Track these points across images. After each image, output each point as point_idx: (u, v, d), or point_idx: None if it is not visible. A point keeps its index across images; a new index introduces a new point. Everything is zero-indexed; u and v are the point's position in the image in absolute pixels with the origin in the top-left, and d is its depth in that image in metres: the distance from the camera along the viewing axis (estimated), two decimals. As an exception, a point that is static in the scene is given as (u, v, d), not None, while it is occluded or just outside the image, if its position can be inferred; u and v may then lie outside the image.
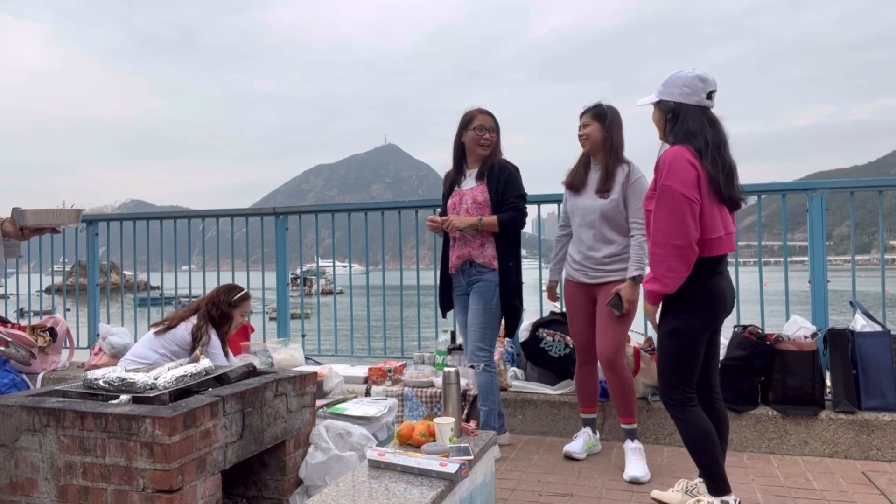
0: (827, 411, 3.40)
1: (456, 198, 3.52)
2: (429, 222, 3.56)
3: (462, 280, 3.51)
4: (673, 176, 2.35)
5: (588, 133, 3.27)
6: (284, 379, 2.59)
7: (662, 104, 2.51)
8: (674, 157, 2.38)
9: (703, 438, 2.48)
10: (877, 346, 3.41)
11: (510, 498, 2.88)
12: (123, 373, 2.31)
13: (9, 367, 4.57)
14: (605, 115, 3.25)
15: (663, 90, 2.50)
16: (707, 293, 2.45)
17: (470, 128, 3.46)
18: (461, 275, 3.51)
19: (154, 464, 1.95)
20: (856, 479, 3.05)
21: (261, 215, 5.18)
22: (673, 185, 2.34)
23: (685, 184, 2.34)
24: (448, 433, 2.27)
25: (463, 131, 3.50)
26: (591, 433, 3.44)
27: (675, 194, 2.33)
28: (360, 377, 4.04)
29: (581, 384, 3.45)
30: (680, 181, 2.34)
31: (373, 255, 7.05)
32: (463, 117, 3.51)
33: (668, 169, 2.36)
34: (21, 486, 2.10)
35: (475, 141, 3.45)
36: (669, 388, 2.50)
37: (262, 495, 2.60)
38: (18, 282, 5.98)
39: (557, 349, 3.94)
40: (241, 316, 3.79)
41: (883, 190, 3.89)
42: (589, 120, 3.28)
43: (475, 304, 3.42)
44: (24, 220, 2.63)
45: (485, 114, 3.49)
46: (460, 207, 3.47)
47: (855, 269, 3.79)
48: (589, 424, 3.46)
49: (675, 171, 2.35)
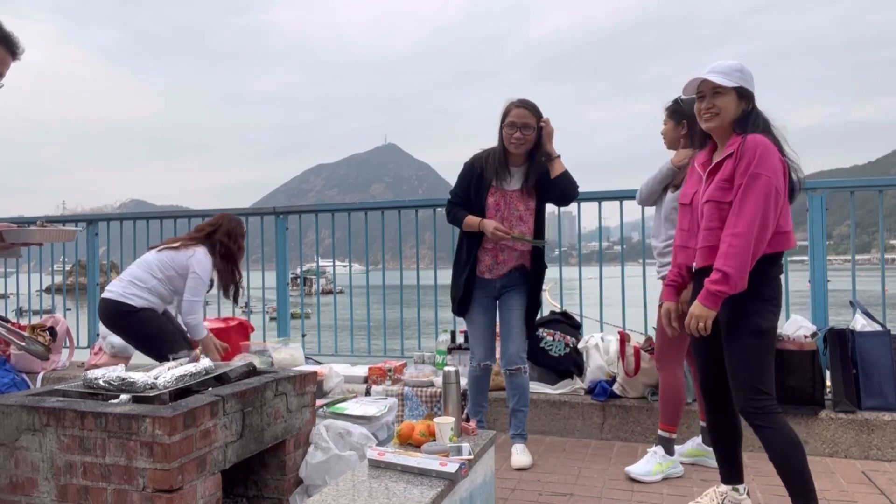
0: (827, 411, 3.40)
1: (499, 199, 3.24)
2: (496, 231, 3.14)
3: (496, 284, 3.32)
4: (765, 165, 2.19)
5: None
6: (284, 378, 2.59)
7: (743, 91, 2.32)
8: (765, 145, 2.21)
9: (796, 446, 2.26)
10: (877, 346, 3.41)
11: (510, 498, 2.88)
12: (123, 372, 2.31)
13: (9, 366, 4.57)
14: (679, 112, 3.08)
15: (741, 77, 2.31)
16: (780, 289, 2.33)
17: (503, 124, 3.19)
18: (499, 280, 3.31)
19: (154, 463, 1.95)
20: (856, 478, 3.05)
21: (261, 215, 5.19)
22: (765, 173, 2.18)
23: (776, 174, 2.20)
24: (448, 433, 2.27)
25: (500, 126, 3.22)
26: (663, 453, 3.11)
27: (767, 183, 2.18)
28: (360, 377, 4.04)
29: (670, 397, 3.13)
30: (771, 170, 2.19)
31: (373, 255, 7.05)
32: (503, 110, 3.23)
33: (760, 157, 2.19)
34: (21, 486, 2.10)
35: (507, 140, 3.19)
36: (755, 394, 2.26)
37: (262, 495, 2.60)
38: (18, 281, 5.99)
39: (557, 349, 3.94)
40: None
41: (883, 190, 3.89)
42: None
43: (520, 305, 3.31)
44: (30, 237, 2.60)
45: (520, 107, 3.17)
46: (507, 212, 3.24)
47: (855, 269, 3.79)
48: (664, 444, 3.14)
49: (768, 160, 2.20)
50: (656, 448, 3.13)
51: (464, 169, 3.36)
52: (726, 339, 2.31)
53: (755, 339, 2.26)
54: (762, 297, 2.26)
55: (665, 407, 3.13)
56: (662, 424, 3.14)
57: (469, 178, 3.31)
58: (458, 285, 3.35)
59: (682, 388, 3.12)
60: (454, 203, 3.36)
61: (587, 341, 3.89)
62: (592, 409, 3.71)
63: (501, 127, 3.20)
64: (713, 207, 2.29)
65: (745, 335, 2.26)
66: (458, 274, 3.36)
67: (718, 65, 2.34)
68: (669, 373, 3.10)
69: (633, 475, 3.04)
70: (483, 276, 3.31)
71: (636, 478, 3.03)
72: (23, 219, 5.44)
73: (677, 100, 3.08)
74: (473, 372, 3.38)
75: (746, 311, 2.25)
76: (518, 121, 3.15)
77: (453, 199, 3.37)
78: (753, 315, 2.25)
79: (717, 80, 2.30)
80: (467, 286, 3.31)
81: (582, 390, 3.86)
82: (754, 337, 2.26)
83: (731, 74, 2.31)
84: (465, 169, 3.35)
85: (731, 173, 2.25)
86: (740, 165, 2.22)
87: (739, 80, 2.30)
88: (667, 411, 3.12)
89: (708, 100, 2.33)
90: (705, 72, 2.34)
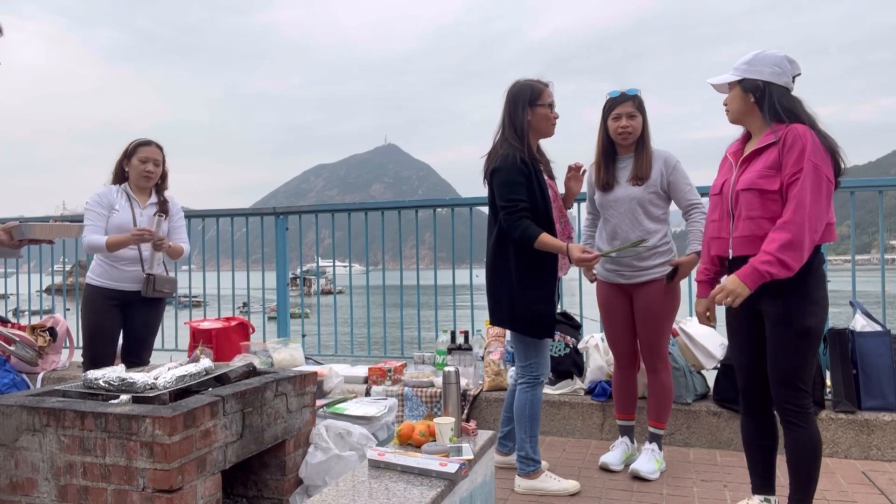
0: (827, 411, 3.40)
1: (552, 193, 2.95)
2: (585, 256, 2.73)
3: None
4: (818, 155, 2.16)
5: (634, 126, 3.02)
6: (284, 379, 2.59)
7: (746, 83, 2.31)
8: (813, 136, 2.18)
9: (817, 450, 2.26)
10: (877, 346, 3.41)
11: (510, 498, 2.88)
12: (123, 372, 2.31)
13: (9, 366, 4.57)
14: (643, 106, 3.06)
15: (748, 68, 2.30)
16: (827, 288, 2.30)
17: (540, 104, 2.88)
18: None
19: (154, 463, 1.95)
20: (856, 478, 3.05)
21: (261, 215, 5.19)
22: (820, 164, 2.15)
23: (828, 164, 2.17)
24: (448, 433, 2.27)
25: (530, 108, 2.87)
26: (629, 443, 3.27)
27: (821, 174, 2.15)
28: (360, 377, 4.04)
29: (619, 390, 3.27)
30: (823, 160, 2.16)
31: (373, 255, 7.05)
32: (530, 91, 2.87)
33: (812, 147, 2.16)
34: (21, 486, 2.10)
35: (548, 121, 2.91)
36: (797, 393, 2.24)
37: (262, 495, 2.60)
38: (18, 282, 5.99)
39: (557, 349, 3.94)
40: (138, 161, 3.51)
41: (883, 190, 3.89)
42: (634, 111, 3.03)
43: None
44: (32, 233, 2.60)
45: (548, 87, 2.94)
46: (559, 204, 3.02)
47: (855, 269, 3.79)
48: (626, 433, 3.29)
49: (818, 151, 2.17)
50: (652, 445, 3.15)
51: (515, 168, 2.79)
52: (773, 336, 2.28)
53: (803, 340, 2.23)
54: (813, 299, 2.23)
55: (661, 404, 3.15)
56: (656, 422, 3.16)
57: (525, 176, 2.81)
58: (544, 300, 2.85)
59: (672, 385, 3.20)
60: (520, 209, 2.76)
61: (587, 341, 3.89)
62: (592, 409, 3.71)
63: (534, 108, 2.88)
64: (755, 196, 2.25)
65: (793, 335, 2.23)
66: (539, 287, 2.84)
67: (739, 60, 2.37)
68: (664, 370, 3.14)
69: (643, 474, 3.03)
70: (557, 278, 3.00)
71: (645, 476, 3.02)
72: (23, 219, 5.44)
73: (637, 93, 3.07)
74: (541, 392, 2.97)
75: (798, 313, 2.22)
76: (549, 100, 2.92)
77: (518, 206, 2.76)
78: (805, 317, 2.22)
79: (713, 80, 2.39)
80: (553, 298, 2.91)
81: (582, 390, 3.86)
82: (802, 338, 2.23)
83: (739, 68, 2.33)
84: (519, 167, 2.79)
85: (776, 161, 2.21)
86: (790, 155, 2.18)
87: (745, 71, 2.31)
88: (662, 408, 3.15)
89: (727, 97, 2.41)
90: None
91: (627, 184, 3.06)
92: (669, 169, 3.05)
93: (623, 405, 3.29)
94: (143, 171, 3.50)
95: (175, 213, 3.65)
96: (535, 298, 2.84)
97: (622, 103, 3.03)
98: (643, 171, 3.03)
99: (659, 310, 3.06)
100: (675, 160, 3.07)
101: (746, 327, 2.38)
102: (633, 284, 3.09)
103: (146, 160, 3.51)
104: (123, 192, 3.53)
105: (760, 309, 2.31)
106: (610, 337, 3.26)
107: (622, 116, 3.02)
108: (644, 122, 3.06)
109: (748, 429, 2.49)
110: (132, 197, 3.53)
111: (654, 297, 3.05)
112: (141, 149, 3.52)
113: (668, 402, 3.16)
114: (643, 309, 3.08)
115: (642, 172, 3.03)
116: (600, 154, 3.15)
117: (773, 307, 2.26)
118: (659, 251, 3.05)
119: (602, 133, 3.12)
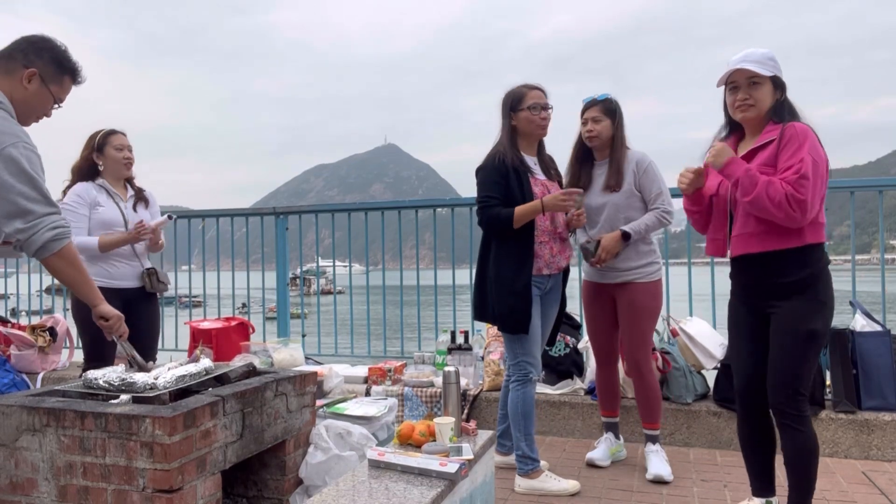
0: (827, 411, 3.40)
1: (542, 190, 2.95)
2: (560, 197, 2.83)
3: (548, 284, 3.01)
4: (816, 151, 2.17)
5: (599, 130, 3.08)
6: (284, 379, 2.58)
7: (777, 80, 2.28)
8: (813, 134, 2.19)
9: (814, 452, 2.27)
10: (877, 346, 3.41)
11: (510, 498, 2.88)
12: (123, 372, 2.31)
13: (9, 366, 4.58)
14: (615, 110, 3.10)
15: (774, 66, 2.27)
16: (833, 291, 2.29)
17: (522, 108, 2.94)
18: (551, 278, 3.02)
19: (154, 464, 1.95)
20: (856, 478, 3.05)
21: (261, 215, 5.19)
22: (818, 161, 2.16)
23: (825, 162, 2.18)
24: (448, 433, 2.27)
25: (513, 113, 2.96)
26: (613, 439, 3.31)
27: (820, 169, 2.15)
28: (360, 377, 4.04)
29: (602, 386, 3.31)
30: (821, 157, 2.17)
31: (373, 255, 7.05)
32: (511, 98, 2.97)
33: (812, 143, 2.16)
34: (21, 486, 2.10)
35: (531, 123, 2.95)
36: (796, 396, 2.23)
37: (262, 495, 2.60)
38: (18, 281, 5.98)
39: (557, 349, 3.94)
40: (114, 150, 3.37)
41: (883, 190, 3.89)
42: (600, 115, 3.08)
43: (555, 313, 3.14)
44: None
45: (536, 89, 3.00)
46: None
47: (855, 269, 3.79)
48: (611, 429, 3.32)
49: (817, 148, 2.17)
50: (656, 446, 3.14)
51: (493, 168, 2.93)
52: (778, 337, 2.26)
53: (807, 343, 2.21)
54: (821, 299, 2.23)
55: (650, 406, 3.16)
56: (650, 423, 3.17)
57: (503, 175, 2.91)
58: (515, 294, 2.84)
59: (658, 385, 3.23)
60: (491, 205, 2.89)
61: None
62: (592, 409, 3.71)
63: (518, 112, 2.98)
64: (761, 178, 2.21)
65: (798, 338, 2.21)
66: (513, 281, 2.86)
67: (751, 53, 2.28)
68: (649, 372, 3.15)
69: (664, 477, 3.00)
70: (541, 273, 2.93)
71: (667, 479, 3.00)
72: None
73: (608, 97, 3.14)
74: (532, 390, 2.96)
75: (806, 313, 2.21)
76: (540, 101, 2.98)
77: (490, 202, 2.89)
78: (812, 319, 2.21)
79: (755, 69, 2.25)
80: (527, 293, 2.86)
81: (582, 390, 3.87)
82: (807, 341, 2.21)
83: (766, 63, 2.27)
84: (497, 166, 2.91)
85: (773, 158, 2.21)
86: (788, 149, 2.17)
87: (773, 68, 2.27)
88: (653, 410, 3.17)
89: (743, 90, 2.29)
90: (737, 60, 2.27)
91: (606, 191, 3.12)
92: (641, 170, 3.10)
93: (606, 402, 3.33)
94: (123, 159, 3.37)
95: (153, 204, 3.59)
96: (507, 292, 2.87)
97: (590, 108, 3.14)
98: (613, 179, 3.10)
99: (641, 310, 3.10)
100: (648, 161, 3.12)
101: (749, 329, 2.37)
102: (616, 284, 3.14)
103: (122, 147, 3.38)
104: (102, 188, 3.37)
105: (767, 312, 2.30)
106: (591, 333, 3.34)
107: (588, 121, 3.13)
108: (616, 126, 3.10)
109: (745, 432, 2.48)
110: (112, 192, 3.38)
111: (636, 297, 3.10)
112: (112, 137, 3.38)
113: (658, 403, 3.18)
114: (626, 309, 3.12)
115: (612, 181, 3.10)
116: (573, 158, 3.25)
117: (780, 309, 2.25)
118: (641, 251, 3.10)
119: (577, 137, 3.22)
